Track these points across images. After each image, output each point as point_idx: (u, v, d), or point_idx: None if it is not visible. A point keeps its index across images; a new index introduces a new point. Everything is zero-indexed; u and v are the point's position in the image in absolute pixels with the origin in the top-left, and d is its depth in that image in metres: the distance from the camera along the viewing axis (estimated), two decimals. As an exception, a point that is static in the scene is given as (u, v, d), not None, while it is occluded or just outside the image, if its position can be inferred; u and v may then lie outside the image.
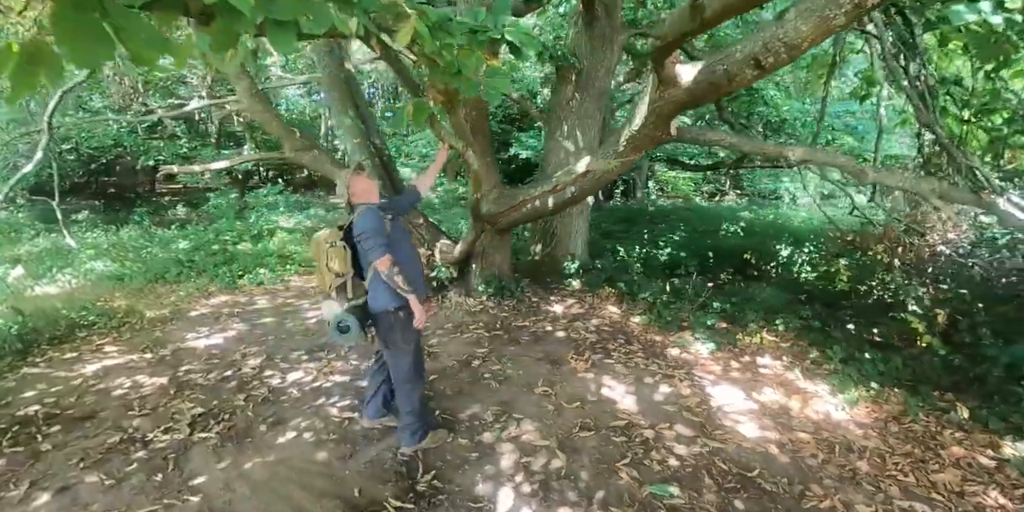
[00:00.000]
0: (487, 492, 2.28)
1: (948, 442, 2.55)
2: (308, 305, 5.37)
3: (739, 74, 2.24)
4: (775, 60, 2.13)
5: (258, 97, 4.33)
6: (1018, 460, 2.31)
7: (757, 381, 3.32)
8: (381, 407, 2.80)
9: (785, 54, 2.09)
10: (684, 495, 2.25)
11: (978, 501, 2.15)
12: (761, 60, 2.14)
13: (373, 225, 2.29)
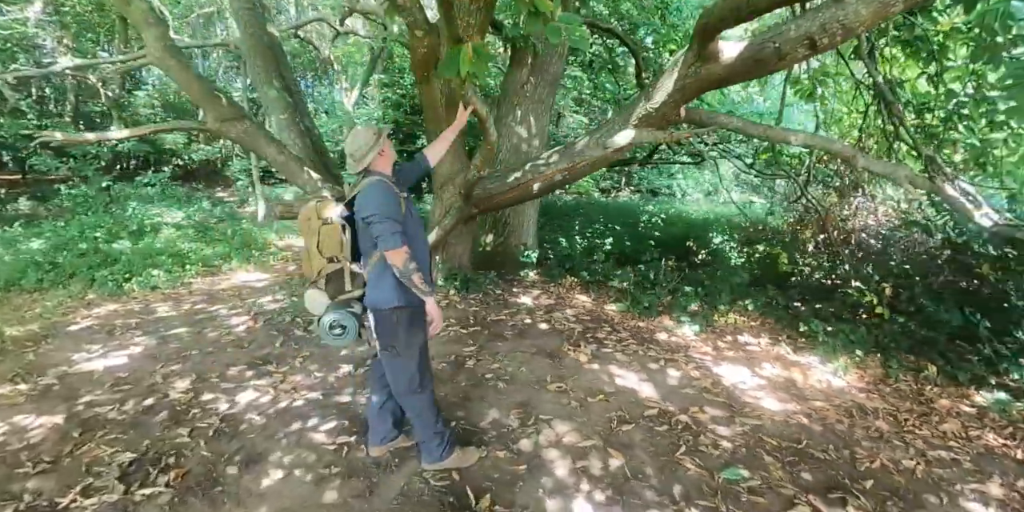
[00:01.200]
0: (560, 508, 1.98)
1: (933, 397, 2.86)
2: (226, 310, 4.44)
3: (791, 53, 2.22)
4: (829, 41, 2.14)
5: (173, 50, 3.39)
6: (994, 405, 2.67)
7: (753, 358, 3.44)
8: (391, 428, 2.26)
9: (840, 36, 2.11)
10: (755, 476, 2.19)
11: (984, 443, 2.42)
12: (816, 40, 2.13)
13: (386, 204, 1.80)
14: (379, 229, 1.77)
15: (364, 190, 1.86)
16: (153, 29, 3.33)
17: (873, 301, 3.58)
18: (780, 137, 2.87)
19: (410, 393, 2.03)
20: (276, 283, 5.49)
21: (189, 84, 3.51)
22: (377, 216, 1.78)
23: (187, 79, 3.49)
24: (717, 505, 2.00)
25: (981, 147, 3.01)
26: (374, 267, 1.88)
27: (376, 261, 1.88)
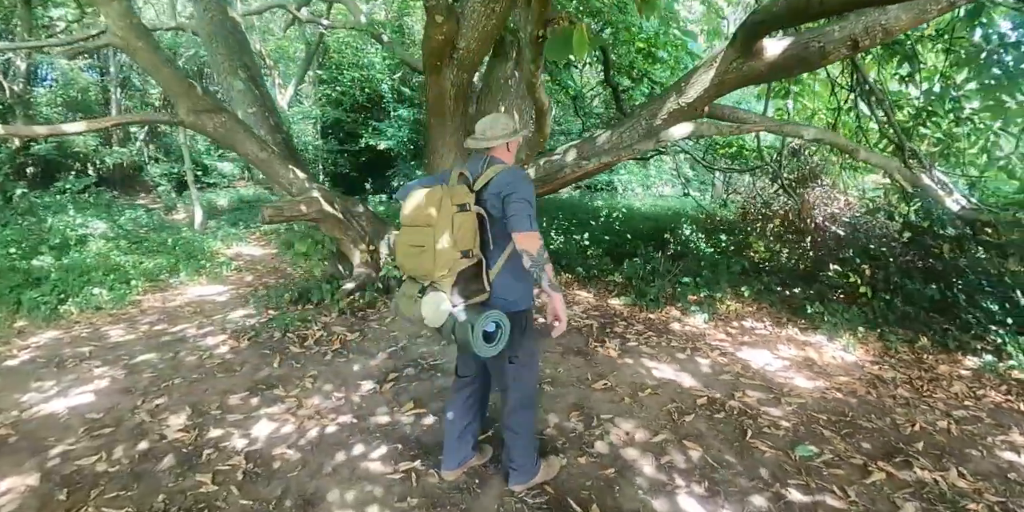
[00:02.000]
0: (668, 507, 1.95)
1: (933, 364, 3.20)
2: (195, 330, 3.93)
3: (833, 52, 2.37)
4: (870, 42, 2.30)
5: (140, 29, 2.90)
6: (985, 367, 3.04)
7: (767, 341, 3.64)
8: (471, 450, 2.08)
9: (880, 37, 2.28)
10: (823, 450, 2.30)
11: (991, 400, 2.75)
12: (859, 40, 2.29)
13: (529, 190, 1.66)
14: (517, 208, 1.60)
15: (504, 172, 1.69)
16: (115, 4, 2.84)
17: (857, 282, 3.94)
18: (794, 131, 3.05)
19: (524, 408, 1.88)
20: (240, 296, 4.94)
21: (158, 70, 3.04)
22: (519, 194, 1.61)
23: (156, 64, 3.02)
24: (807, 482, 2.07)
25: (947, 140, 3.43)
26: (505, 262, 1.71)
27: (510, 256, 1.71)
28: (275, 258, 6.81)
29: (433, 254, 1.59)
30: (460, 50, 3.04)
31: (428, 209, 1.61)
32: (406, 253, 1.69)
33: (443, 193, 1.63)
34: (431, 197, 1.62)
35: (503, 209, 1.65)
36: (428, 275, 1.63)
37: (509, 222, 1.63)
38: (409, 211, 1.68)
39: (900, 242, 4.13)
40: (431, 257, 1.60)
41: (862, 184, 4.69)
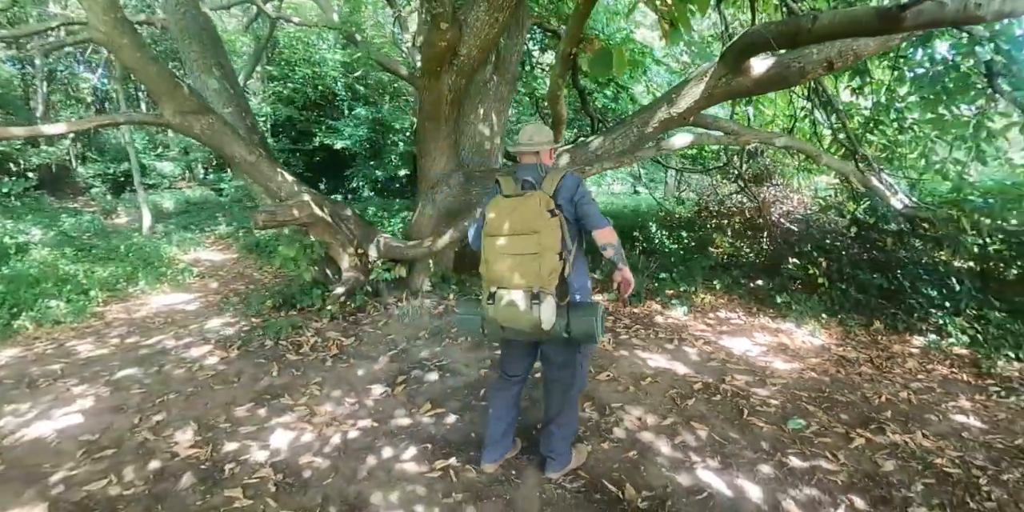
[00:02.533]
0: (690, 481, 2.18)
1: (887, 344, 3.67)
2: (173, 341, 3.80)
3: (811, 71, 2.70)
4: (842, 63, 2.65)
5: (125, 25, 2.77)
6: (931, 344, 3.53)
7: (744, 330, 4.01)
8: (510, 443, 2.24)
9: (851, 60, 2.63)
10: (810, 422, 2.63)
11: (940, 373, 3.22)
12: (834, 62, 2.63)
13: (590, 192, 1.91)
14: (591, 209, 1.83)
15: (567, 178, 1.89)
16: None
17: (815, 273, 4.42)
18: (767, 138, 3.41)
19: (574, 404, 2.07)
20: (211, 304, 4.77)
21: (145, 68, 2.91)
22: (588, 196, 1.85)
23: (141, 62, 2.89)
24: (802, 450, 2.38)
25: (892, 147, 3.93)
26: (577, 260, 1.88)
27: (578, 253, 1.90)
28: (237, 263, 6.55)
29: (545, 259, 1.71)
30: (461, 57, 3.14)
31: (536, 217, 1.72)
32: (513, 262, 1.74)
33: (544, 200, 1.75)
34: (535, 205, 1.73)
35: (575, 212, 1.85)
36: (539, 280, 1.72)
37: (587, 221, 1.84)
38: (511, 220, 1.76)
39: (848, 237, 4.66)
40: (543, 262, 1.71)
41: (814, 184, 5.22)
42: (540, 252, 1.71)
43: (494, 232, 1.79)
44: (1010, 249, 3.68)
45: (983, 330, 3.45)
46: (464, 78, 3.37)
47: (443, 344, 3.66)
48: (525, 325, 1.75)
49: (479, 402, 2.84)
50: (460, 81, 3.38)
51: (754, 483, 2.15)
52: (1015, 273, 3.73)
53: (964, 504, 1.97)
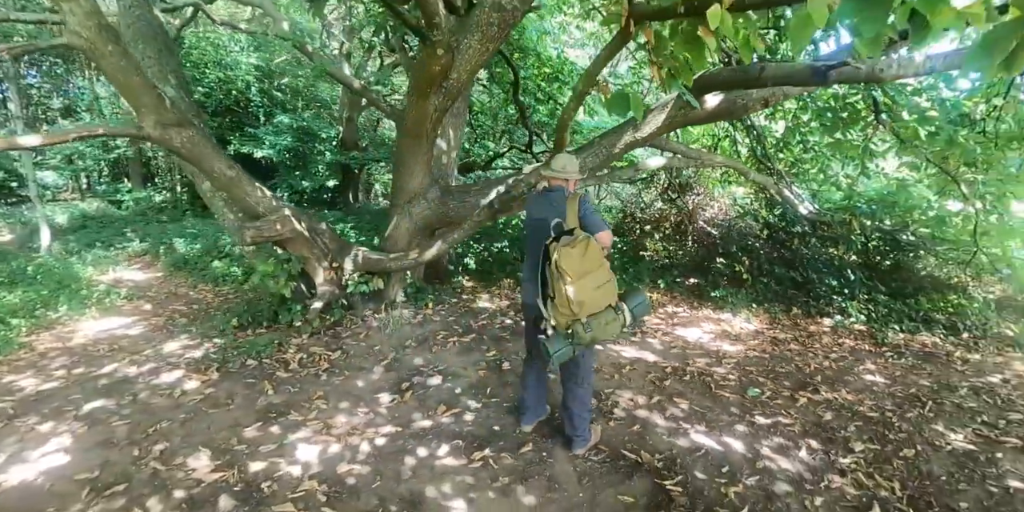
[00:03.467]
0: (688, 442, 2.70)
1: (806, 326, 4.56)
2: (134, 369, 3.66)
3: (752, 107, 3.43)
4: (774, 101, 3.41)
5: (110, 32, 2.72)
6: (838, 324, 4.47)
7: (692, 321, 4.72)
8: (543, 408, 2.86)
9: (781, 99, 3.39)
10: (763, 390, 3.30)
11: (848, 346, 4.11)
12: (769, 101, 3.38)
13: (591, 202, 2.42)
14: (595, 218, 2.30)
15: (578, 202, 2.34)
16: (82, 2, 2.64)
17: (740, 270, 5.30)
18: (708, 159, 4.13)
19: (588, 389, 2.51)
20: (157, 327, 4.54)
21: (128, 78, 2.86)
22: (591, 209, 2.33)
23: (125, 72, 2.84)
24: (763, 411, 3.02)
25: (798, 163, 4.90)
26: None
27: None
28: (165, 282, 6.13)
29: (613, 281, 2.23)
30: (451, 80, 3.46)
31: (597, 255, 2.17)
32: (599, 293, 2.16)
33: (592, 243, 2.18)
34: (594, 249, 2.16)
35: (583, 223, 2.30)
36: (615, 297, 2.23)
37: (591, 229, 2.28)
38: (583, 265, 2.13)
39: (762, 238, 5.64)
40: (613, 283, 2.22)
41: (732, 194, 6.19)
42: (610, 278, 2.21)
43: (577, 278, 2.12)
44: (886, 244, 4.80)
45: (874, 310, 4.47)
46: (451, 99, 3.68)
47: (433, 351, 3.91)
48: (615, 332, 2.21)
49: (489, 400, 3.16)
50: (447, 102, 3.69)
51: (735, 439, 2.73)
52: (889, 263, 4.86)
53: (884, 436, 2.70)
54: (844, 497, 2.22)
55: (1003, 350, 4.05)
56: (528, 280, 2.47)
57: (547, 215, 2.37)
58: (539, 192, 2.57)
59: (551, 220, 2.32)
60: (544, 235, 2.30)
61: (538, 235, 2.37)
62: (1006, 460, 2.49)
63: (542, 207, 2.45)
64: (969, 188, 3.86)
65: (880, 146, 3.91)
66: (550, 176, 2.44)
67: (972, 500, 2.20)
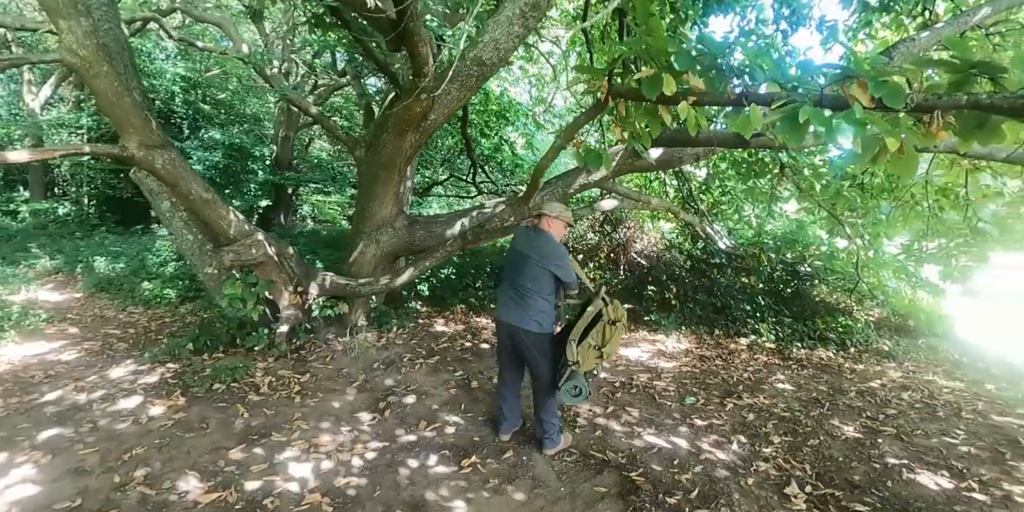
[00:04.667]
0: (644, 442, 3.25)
1: (727, 345, 5.37)
2: (83, 396, 3.61)
3: (687, 160, 4.21)
4: (705, 157, 4.23)
5: (107, 51, 2.89)
6: (753, 343, 5.32)
7: (631, 342, 5.37)
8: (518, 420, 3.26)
9: (711, 155, 4.22)
10: (698, 398, 3.95)
11: (762, 361, 4.93)
12: (700, 156, 4.17)
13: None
14: (572, 274, 2.84)
15: (546, 240, 2.83)
16: (83, 20, 2.80)
17: (669, 297, 6.10)
18: (646, 201, 4.88)
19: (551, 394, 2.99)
20: (94, 352, 4.43)
21: (120, 98, 3.01)
22: (566, 264, 2.78)
23: (118, 92, 2.99)
24: (700, 415, 3.65)
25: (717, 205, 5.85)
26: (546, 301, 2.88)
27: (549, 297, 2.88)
28: (87, 303, 5.79)
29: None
30: (429, 121, 3.91)
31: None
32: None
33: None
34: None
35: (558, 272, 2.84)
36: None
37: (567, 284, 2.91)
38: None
39: (686, 269, 6.53)
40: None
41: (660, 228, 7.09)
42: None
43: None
44: (787, 275, 5.83)
45: (781, 330, 5.40)
46: (425, 138, 4.12)
47: (402, 372, 4.18)
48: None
49: (465, 414, 3.51)
50: (422, 139, 4.12)
51: (680, 438, 3.30)
52: (790, 291, 5.88)
53: (795, 430, 3.42)
54: (769, 477, 2.85)
55: (881, 361, 5.09)
56: (509, 300, 2.93)
57: (529, 253, 2.86)
58: (528, 227, 3.04)
59: (532, 257, 2.84)
60: (522, 268, 2.86)
61: (519, 266, 2.88)
62: (885, 444, 3.28)
63: (529, 243, 2.92)
64: (851, 229, 4.94)
65: (783, 193, 4.90)
66: (548, 213, 2.95)
67: (862, 474, 2.92)
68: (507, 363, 3.10)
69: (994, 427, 3.61)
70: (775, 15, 4.98)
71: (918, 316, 6.02)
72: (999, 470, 3.01)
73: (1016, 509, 2.62)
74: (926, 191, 4.20)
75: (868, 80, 1.63)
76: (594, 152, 2.85)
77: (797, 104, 1.71)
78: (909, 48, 3.87)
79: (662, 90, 1.98)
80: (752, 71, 1.96)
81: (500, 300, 3.04)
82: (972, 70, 1.64)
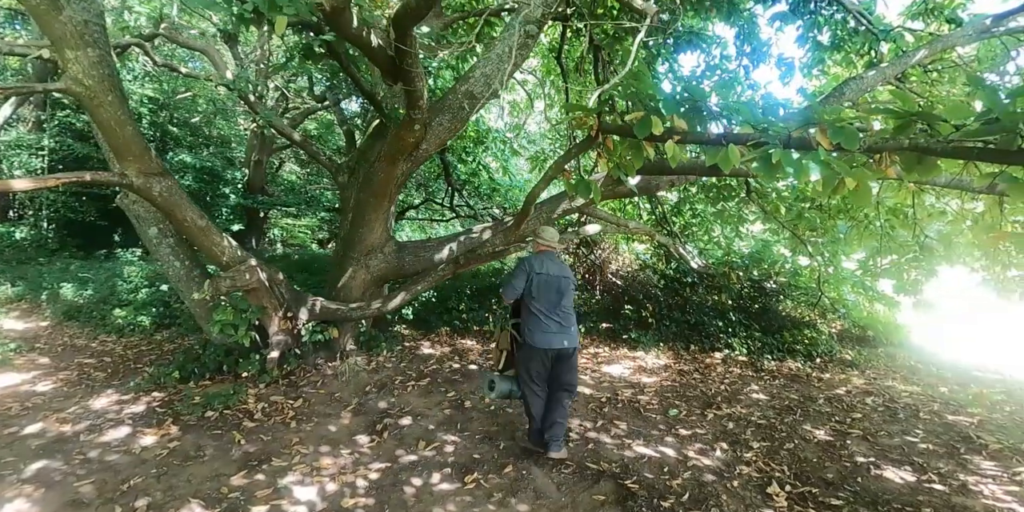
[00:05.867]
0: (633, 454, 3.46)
1: (703, 359, 5.68)
2: (67, 427, 3.59)
3: (663, 187, 4.57)
4: (678, 184, 4.59)
5: (113, 81, 3.02)
6: (727, 357, 5.65)
7: (613, 360, 5.62)
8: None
9: (683, 182, 4.59)
10: (680, 410, 4.21)
11: (737, 373, 5.25)
12: (675, 182, 4.54)
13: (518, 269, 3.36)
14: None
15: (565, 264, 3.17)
16: (91, 50, 2.93)
17: (646, 315, 6.42)
18: (624, 224, 5.22)
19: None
20: (71, 382, 4.37)
21: (122, 127, 3.12)
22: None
23: (121, 120, 3.11)
24: (685, 426, 3.90)
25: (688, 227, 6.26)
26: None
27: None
28: (56, 331, 5.65)
29: None
30: (421, 151, 4.14)
31: None
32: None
33: None
34: None
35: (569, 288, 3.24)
36: None
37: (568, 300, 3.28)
38: None
39: (660, 288, 6.89)
40: None
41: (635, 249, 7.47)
42: None
43: None
44: (755, 291, 6.25)
45: (752, 344, 5.77)
46: (417, 165, 4.34)
47: (395, 395, 4.29)
48: None
49: (462, 433, 3.65)
50: (413, 168, 4.34)
51: (667, 447, 3.54)
52: (758, 306, 6.30)
53: (772, 435, 3.71)
54: (752, 479, 3.10)
55: (845, 370, 5.50)
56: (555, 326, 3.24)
57: (565, 275, 3.30)
58: (544, 253, 3.37)
59: (567, 279, 3.29)
60: (566, 290, 3.26)
61: (563, 289, 3.28)
62: (853, 444, 3.60)
63: (560, 267, 3.33)
64: (813, 248, 5.39)
65: (750, 216, 5.33)
66: (546, 245, 3.34)
67: (835, 472, 3.21)
68: (541, 383, 3.33)
69: (949, 425, 4.01)
70: (738, 52, 5.51)
71: (876, 327, 6.54)
72: (955, 463, 3.36)
73: (971, 496, 2.95)
74: (878, 212, 4.66)
75: (828, 126, 1.96)
76: (583, 182, 3.13)
77: (770, 146, 2.03)
78: (858, 84, 4.38)
79: (651, 131, 2.27)
80: (728, 115, 2.28)
81: (539, 329, 3.23)
82: (912, 117, 2.00)
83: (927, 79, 5.52)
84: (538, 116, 9.04)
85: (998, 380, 5.47)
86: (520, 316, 3.36)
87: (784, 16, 5.31)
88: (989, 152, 1.83)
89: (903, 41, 5.33)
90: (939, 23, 5.29)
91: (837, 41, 5.29)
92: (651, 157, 2.88)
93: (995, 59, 5.37)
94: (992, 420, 4.17)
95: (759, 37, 5.51)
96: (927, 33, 5.35)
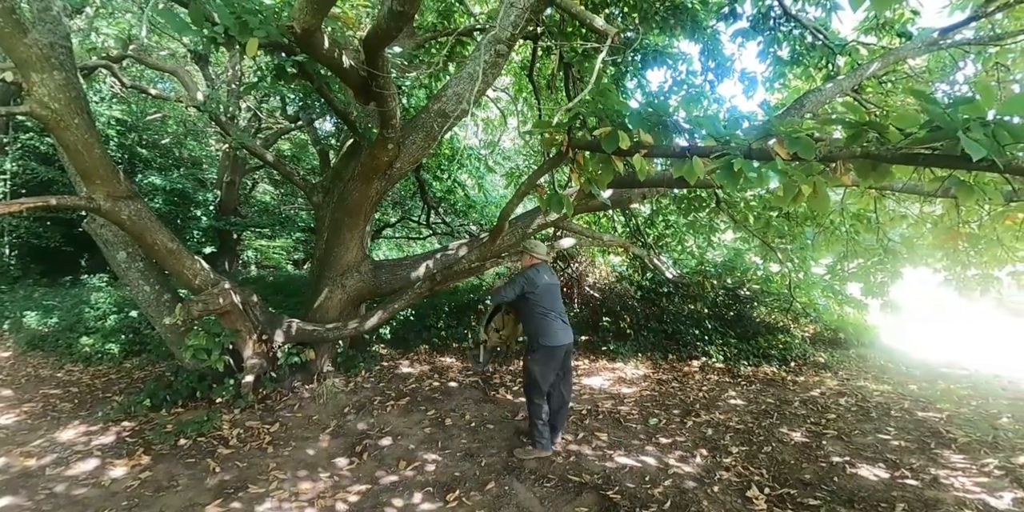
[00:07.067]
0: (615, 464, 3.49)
1: (681, 368, 5.76)
2: (32, 461, 3.44)
3: (634, 200, 4.70)
4: (649, 196, 4.72)
5: (80, 103, 3.00)
6: (704, 364, 5.74)
7: (594, 371, 5.66)
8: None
9: (654, 194, 4.72)
10: (660, 419, 4.26)
11: (715, 380, 5.33)
12: (646, 195, 4.68)
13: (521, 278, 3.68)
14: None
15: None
16: (57, 73, 2.91)
17: (624, 326, 6.49)
18: (599, 237, 5.32)
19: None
20: (35, 414, 4.23)
21: (89, 150, 3.09)
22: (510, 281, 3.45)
23: (88, 143, 3.08)
24: (664, 434, 3.94)
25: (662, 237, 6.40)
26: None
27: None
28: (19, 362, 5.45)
29: None
30: (395, 169, 4.18)
31: None
32: None
33: None
34: None
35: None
36: None
37: None
38: None
39: (636, 299, 6.99)
40: None
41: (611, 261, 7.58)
42: None
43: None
44: (729, 299, 6.40)
45: (728, 351, 5.88)
46: (392, 184, 4.38)
47: (375, 415, 4.24)
48: None
49: (443, 451, 3.63)
50: (388, 186, 4.37)
51: (648, 456, 3.57)
52: (733, 314, 6.43)
53: (750, 440, 3.78)
54: (732, 484, 3.15)
55: (818, 372, 5.64)
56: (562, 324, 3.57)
57: (555, 280, 3.71)
58: (539, 266, 3.67)
59: (558, 285, 3.68)
60: (559, 295, 3.65)
61: (558, 295, 3.66)
62: (829, 445, 3.69)
63: (553, 275, 3.72)
64: (782, 254, 5.56)
65: (720, 225, 5.49)
66: (540, 257, 3.67)
67: (812, 473, 3.28)
68: (553, 380, 3.58)
69: (919, 422, 4.14)
70: (703, 67, 5.73)
71: (847, 329, 6.74)
72: (926, 458, 3.48)
73: (942, 489, 3.06)
74: (843, 217, 4.86)
75: (785, 138, 2.08)
76: (556, 197, 3.21)
77: (731, 156, 2.13)
78: (818, 96, 4.61)
79: (618, 145, 2.36)
80: (692, 129, 2.39)
81: (553, 329, 3.53)
82: (864, 127, 2.13)
83: (882, 90, 5.82)
84: (512, 133, 9.20)
85: (964, 376, 5.68)
86: (528, 327, 3.64)
87: (745, 32, 5.56)
88: (934, 158, 1.96)
89: (858, 55, 5.63)
90: (891, 37, 5.61)
91: (796, 56, 5.57)
92: (621, 171, 2.97)
93: (944, 69, 5.72)
94: (960, 414, 4.32)
95: (723, 53, 5.75)
96: (880, 47, 5.68)
